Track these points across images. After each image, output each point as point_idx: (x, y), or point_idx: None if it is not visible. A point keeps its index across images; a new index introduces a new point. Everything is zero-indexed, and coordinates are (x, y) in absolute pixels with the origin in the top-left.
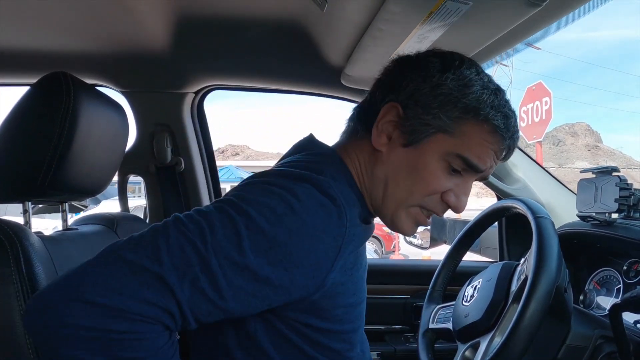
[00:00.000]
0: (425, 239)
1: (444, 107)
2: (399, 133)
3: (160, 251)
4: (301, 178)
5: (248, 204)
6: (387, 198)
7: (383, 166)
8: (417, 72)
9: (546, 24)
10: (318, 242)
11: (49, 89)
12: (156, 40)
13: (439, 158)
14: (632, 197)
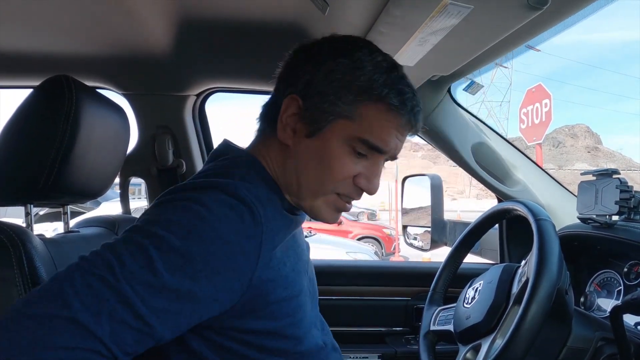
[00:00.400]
0: (425, 240)
1: (339, 92)
2: (301, 125)
3: (67, 295)
4: (208, 186)
5: (155, 224)
6: (301, 189)
7: (292, 159)
8: (311, 61)
9: (547, 27)
10: (234, 245)
11: (51, 93)
12: (158, 43)
13: (342, 144)
14: (633, 200)
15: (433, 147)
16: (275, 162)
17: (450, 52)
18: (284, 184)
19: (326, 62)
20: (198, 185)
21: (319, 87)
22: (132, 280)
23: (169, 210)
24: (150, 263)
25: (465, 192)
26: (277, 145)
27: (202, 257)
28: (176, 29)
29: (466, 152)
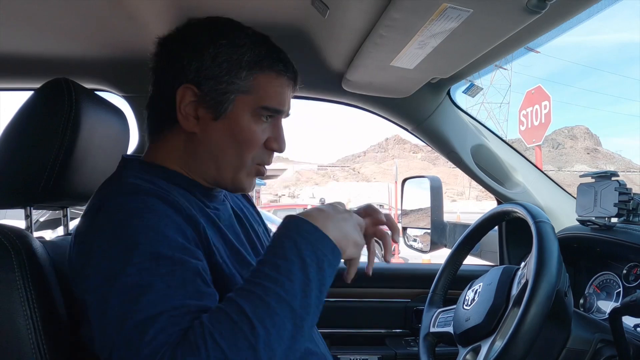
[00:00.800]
0: (425, 242)
1: (231, 72)
2: (203, 110)
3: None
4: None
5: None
6: (222, 169)
7: (204, 145)
8: (188, 49)
9: (545, 30)
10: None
11: (51, 95)
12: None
13: (249, 117)
14: (632, 202)
15: (432, 148)
16: (184, 154)
17: (450, 55)
18: (199, 171)
19: (207, 46)
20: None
21: (211, 71)
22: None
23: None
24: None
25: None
26: (182, 139)
27: (146, 232)
28: None
29: (466, 154)
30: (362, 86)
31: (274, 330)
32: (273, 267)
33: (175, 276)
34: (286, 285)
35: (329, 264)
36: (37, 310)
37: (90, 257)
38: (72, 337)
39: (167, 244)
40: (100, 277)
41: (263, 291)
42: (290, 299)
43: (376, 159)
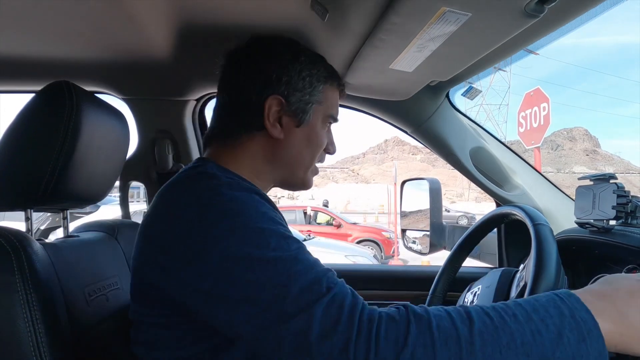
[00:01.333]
0: (424, 244)
1: (312, 85)
2: (288, 118)
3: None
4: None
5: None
6: (297, 170)
7: (286, 149)
8: (273, 61)
9: (544, 33)
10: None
11: (52, 98)
12: (158, 48)
13: (321, 124)
14: (630, 204)
15: (431, 151)
16: (261, 158)
17: (449, 58)
18: (271, 174)
19: (293, 62)
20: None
21: (297, 85)
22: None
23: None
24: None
25: (464, 195)
26: (260, 143)
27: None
28: (176, 34)
29: (464, 156)
30: (362, 89)
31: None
32: (526, 316)
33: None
34: (526, 339)
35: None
36: (38, 313)
37: (210, 251)
38: (73, 340)
39: (283, 226)
40: (236, 267)
41: (502, 325)
42: (523, 353)
43: (375, 161)
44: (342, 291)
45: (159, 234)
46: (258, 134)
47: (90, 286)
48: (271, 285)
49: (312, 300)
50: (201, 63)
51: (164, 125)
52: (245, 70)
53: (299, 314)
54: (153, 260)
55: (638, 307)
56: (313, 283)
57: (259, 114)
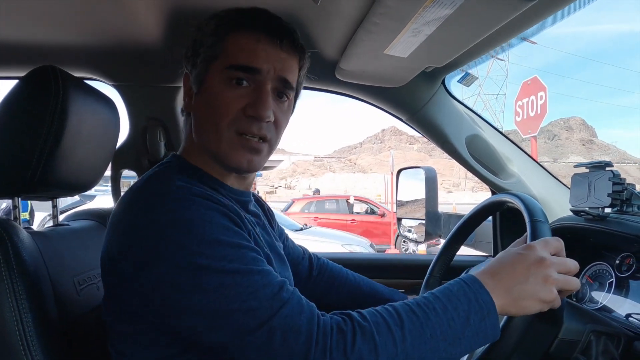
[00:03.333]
0: (419, 233)
1: (203, 43)
2: (192, 89)
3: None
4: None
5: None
6: (210, 144)
7: (195, 122)
8: (190, 43)
9: (541, 18)
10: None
11: (37, 84)
12: (149, 33)
13: (219, 82)
14: (625, 192)
15: (426, 138)
16: (193, 140)
17: (444, 43)
18: (207, 159)
19: (194, 35)
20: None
21: (193, 51)
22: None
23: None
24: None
25: (461, 184)
26: (190, 124)
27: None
28: (168, 19)
29: (460, 144)
30: (356, 75)
31: (416, 354)
32: (443, 308)
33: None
34: (443, 328)
35: (484, 337)
36: (24, 302)
37: (162, 261)
38: (62, 329)
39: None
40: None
41: (426, 320)
42: (441, 339)
43: (372, 150)
44: (298, 302)
45: (120, 234)
46: (189, 118)
47: (80, 275)
48: (229, 298)
49: (271, 313)
50: None
51: (155, 113)
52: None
53: (259, 328)
54: (115, 259)
55: (518, 280)
56: (271, 297)
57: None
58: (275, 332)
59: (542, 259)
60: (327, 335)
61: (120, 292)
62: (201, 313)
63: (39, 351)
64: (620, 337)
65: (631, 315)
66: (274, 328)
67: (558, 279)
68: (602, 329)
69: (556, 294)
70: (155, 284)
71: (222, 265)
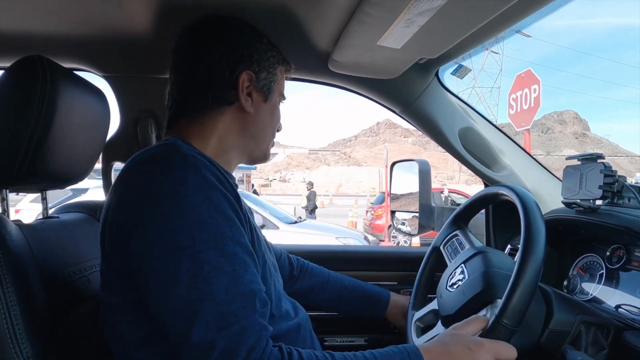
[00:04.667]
0: (413, 225)
1: (274, 64)
2: (256, 94)
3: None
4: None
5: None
6: (261, 143)
7: (254, 123)
8: (250, 41)
9: (535, 9)
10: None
11: (24, 74)
12: (139, 22)
13: (278, 101)
14: (616, 184)
15: (420, 131)
16: (226, 132)
17: (438, 34)
18: (236, 148)
19: (260, 41)
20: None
21: (265, 62)
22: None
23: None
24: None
25: (455, 177)
26: (228, 117)
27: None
28: (159, 8)
29: (453, 136)
30: (349, 67)
31: None
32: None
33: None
34: None
35: None
36: (12, 295)
37: (148, 231)
38: (52, 321)
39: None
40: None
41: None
42: None
43: (367, 143)
44: (250, 326)
45: (119, 199)
46: (228, 109)
47: (70, 268)
48: (187, 285)
49: (217, 328)
50: None
51: (146, 104)
52: (217, 45)
53: (200, 343)
54: (114, 221)
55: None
56: (226, 313)
57: (232, 89)
58: (215, 350)
59: (481, 344)
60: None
61: (112, 257)
62: (160, 284)
63: (27, 344)
64: (610, 327)
65: (621, 306)
66: (214, 347)
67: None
68: (592, 320)
69: None
70: (137, 247)
71: (198, 250)
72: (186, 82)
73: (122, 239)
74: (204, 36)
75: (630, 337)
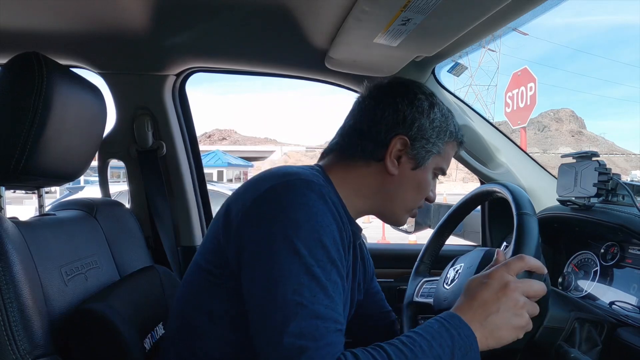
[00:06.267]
0: (410, 223)
1: (438, 136)
2: (406, 159)
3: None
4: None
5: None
6: (397, 207)
7: (395, 185)
8: (416, 109)
9: (531, 7)
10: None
11: (20, 71)
12: (135, 20)
13: (431, 173)
14: (611, 182)
15: None
16: (366, 185)
17: (434, 31)
18: (368, 202)
19: (429, 111)
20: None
21: (426, 132)
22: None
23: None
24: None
25: (452, 175)
26: (372, 172)
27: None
28: (155, 5)
29: None
30: (346, 64)
31: None
32: (428, 345)
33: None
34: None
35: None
36: (9, 293)
37: (267, 228)
38: (50, 319)
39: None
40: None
41: (414, 358)
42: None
43: None
44: (334, 345)
45: (251, 199)
46: (374, 164)
47: (67, 265)
48: (293, 288)
49: (311, 337)
50: (180, 37)
51: (142, 101)
52: (386, 106)
53: (291, 345)
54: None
55: (490, 311)
56: (320, 327)
57: (383, 147)
58: (303, 354)
59: (506, 284)
60: None
61: (223, 243)
62: (268, 277)
63: (24, 340)
64: (604, 324)
65: (615, 303)
66: (305, 350)
67: (526, 303)
68: (586, 317)
69: (527, 318)
70: (257, 237)
71: (311, 264)
72: (350, 127)
73: (241, 227)
74: (380, 94)
75: (623, 334)
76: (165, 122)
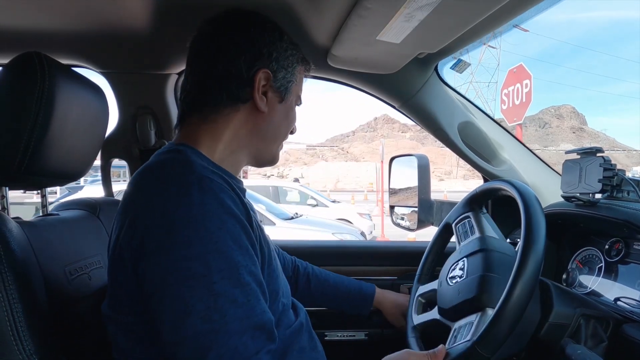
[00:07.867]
0: (412, 220)
1: (293, 64)
2: (272, 93)
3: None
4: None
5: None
6: (271, 144)
7: (267, 123)
8: (269, 38)
9: (533, 3)
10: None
11: (22, 71)
12: (137, 18)
13: (294, 100)
14: (616, 178)
15: (419, 125)
16: (237, 131)
17: (437, 28)
18: (247, 147)
19: (280, 39)
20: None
21: (283, 62)
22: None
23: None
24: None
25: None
26: (242, 115)
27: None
28: (156, 4)
29: (452, 131)
30: (348, 62)
31: None
32: None
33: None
34: None
35: None
36: (14, 293)
37: (163, 254)
38: (54, 319)
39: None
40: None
41: None
42: None
43: (365, 139)
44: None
45: (132, 219)
46: (242, 107)
47: (71, 265)
48: (201, 316)
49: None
50: (182, 35)
51: (144, 100)
52: (237, 41)
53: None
54: (126, 242)
55: None
56: (239, 345)
57: (248, 86)
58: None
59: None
60: None
61: (121, 278)
62: (174, 313)
63: (29, 341)
64: (609, 320)
65: (619, 299)
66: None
67: None
68: (591, 313)
69: None
70: (152, 274)
71: (214, 281)
72: (202, 76)
73: (135, 261)
74: (224, 30)
75: (629, 330)
76: (167, 121)
